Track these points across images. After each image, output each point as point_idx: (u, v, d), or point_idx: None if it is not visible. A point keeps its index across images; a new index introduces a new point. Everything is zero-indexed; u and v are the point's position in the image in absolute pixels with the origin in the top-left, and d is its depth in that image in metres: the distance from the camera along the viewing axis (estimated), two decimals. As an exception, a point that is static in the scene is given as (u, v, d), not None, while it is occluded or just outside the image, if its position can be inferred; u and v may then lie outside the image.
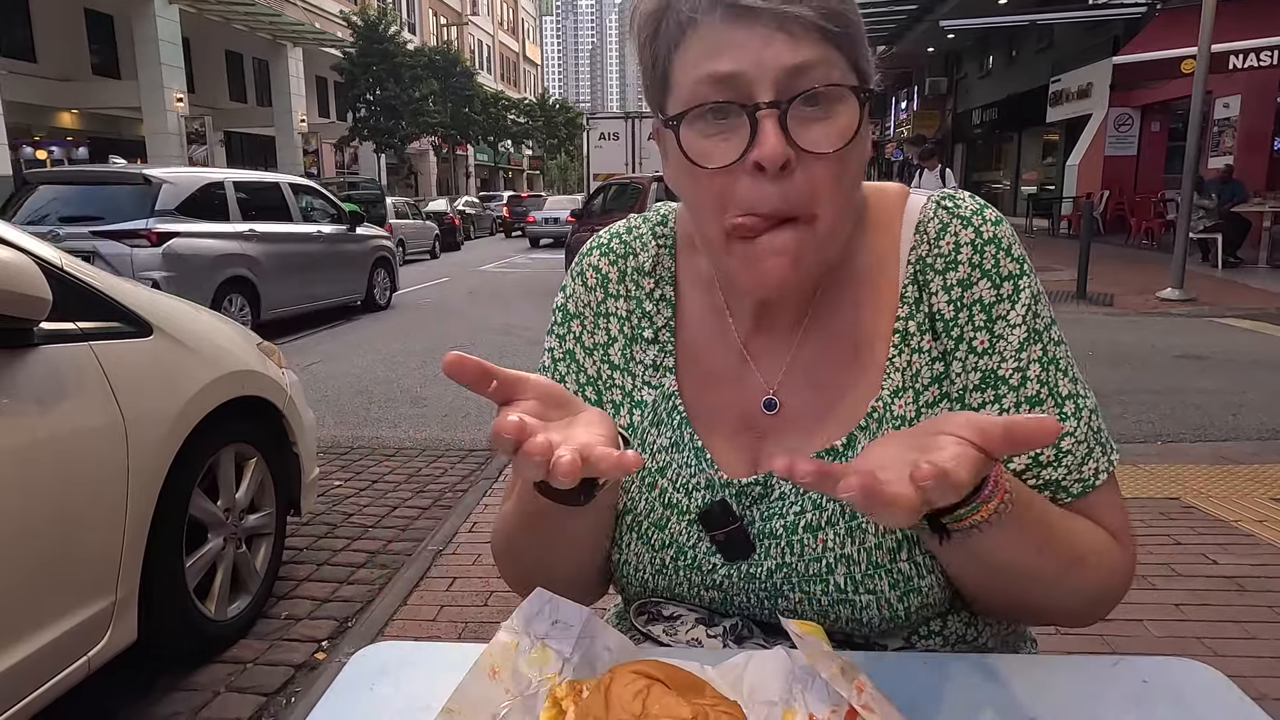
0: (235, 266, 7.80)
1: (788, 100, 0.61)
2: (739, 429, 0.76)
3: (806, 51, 0.61)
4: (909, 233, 0.73)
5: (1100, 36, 17.70)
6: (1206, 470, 3.81)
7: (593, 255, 0.83)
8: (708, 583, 0.75)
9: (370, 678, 0.70)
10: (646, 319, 0.80)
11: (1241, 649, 2.34)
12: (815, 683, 0.60)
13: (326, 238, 9.47)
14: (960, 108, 28.82)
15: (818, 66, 0.62)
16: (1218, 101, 14.14)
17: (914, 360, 0.72)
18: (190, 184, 7.71)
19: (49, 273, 1.83)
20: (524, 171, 60.78)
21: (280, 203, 8.94)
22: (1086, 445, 0.70)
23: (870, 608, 0.70)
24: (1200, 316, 8.39)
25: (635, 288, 0.80)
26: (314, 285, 9.14)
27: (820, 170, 0.63)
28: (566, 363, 0.81)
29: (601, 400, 0.80)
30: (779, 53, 0.61)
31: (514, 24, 61.71)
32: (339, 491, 3.94)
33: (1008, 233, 0.72)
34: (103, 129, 23.12)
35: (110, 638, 1.96)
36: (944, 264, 0.71)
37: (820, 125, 0.62)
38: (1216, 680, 0.66)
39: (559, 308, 0.83)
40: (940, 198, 0.74)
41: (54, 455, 1.80)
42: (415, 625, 2.60)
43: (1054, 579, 0.67)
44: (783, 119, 0.61)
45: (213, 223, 7.68)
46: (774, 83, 0.61)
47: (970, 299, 0.71)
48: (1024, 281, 0.71)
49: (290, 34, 25.75)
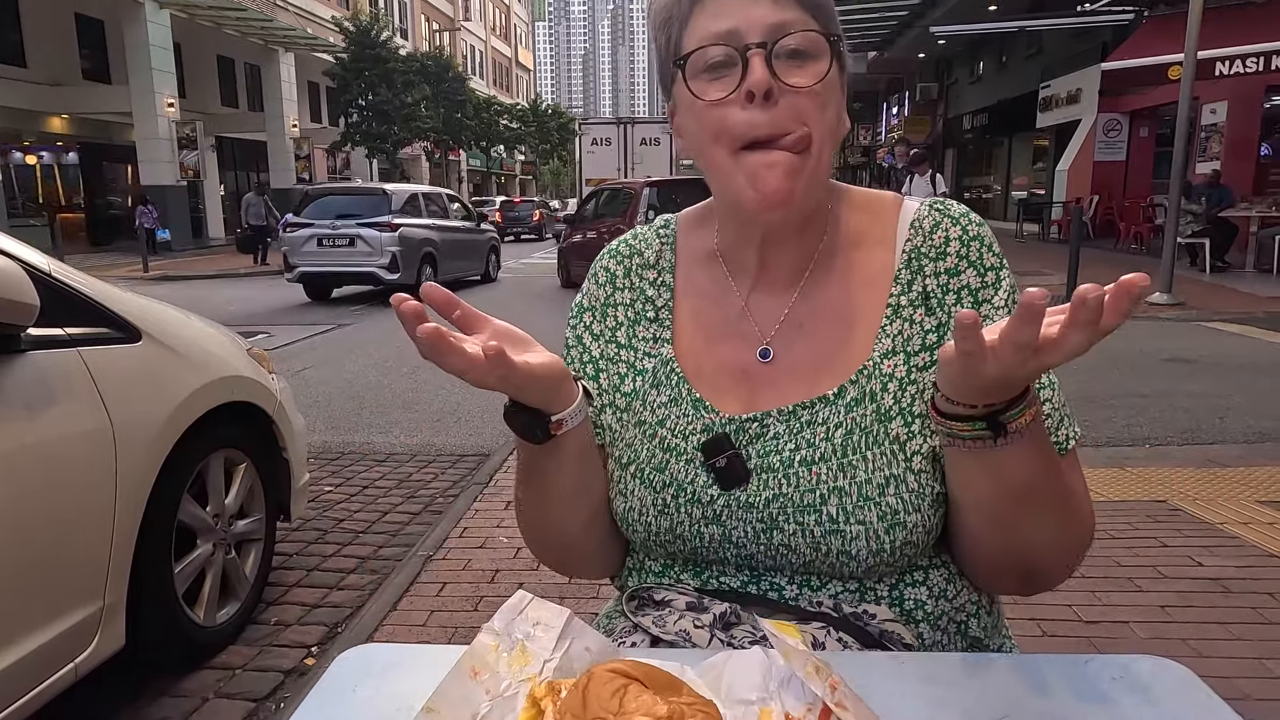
0: (428, 246, 12.55)
1: (773, 41, 0.75)
2: (737, 380, 0.86)
3: (786, 13, 0.75)
4: (904, 228, 0.85)
5: (1089, 43, 17.84)
6: (1193, 473, 3.84)
7: (604, 259, 0.96)
8: (707, 515, 0.82)
9: (353, 679, 0.71)
10: (649, 303, 0.92)
11: (1226, 650, 2.36)
12: (792, 681, 0.61)
13: (466, 229, 14.30)
14: (951, 113, 28.97)
15: (795, 23, 0.75)
16: (1204, 107, 14.26)
17: (904, 329, 0.82)
18: (404, 194, 12.77)
19: (36, 279, 1.83)
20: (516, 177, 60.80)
21: (443, 206, 13.92)
22: (1059, 415, 0.80)
23: (859, 539, 0.77)
24: (1188, 320, 8.45)
25: (639, 279, 0.93)
26: (461, 261, 13.92)
27: (802, 101, 0.75)
28: (577, 347, 0.94)
29: (599, 377, 0.92)
30: (765, 12, 0.75)
31: (506, 29, 61.79)
32: (329, 497, 3.94)
33: (989, 234, 0.84)
34: (93, 134, 23.04)
35: (98, 643, 1.96)
36: (935, 253, 0.82)
37: (799, 69, 0.76)
38: (1186, 677, 0.67)
39: (575, 304, 0.96)
40: (932, 203, 0.86)
41: (42, 461, 1.80)
42: (405, 630, 2.60)
43: (1054, 508, 0.75)
44: (768, 57, 0.75)
45: (417, 218, 12.53)
46: (760, 33, 0.75)
47: (958, 285, 0.81)
48: (1004, 274, 0.82)
49: (282, 39, 25.72)
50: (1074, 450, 0.82)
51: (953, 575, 0.84)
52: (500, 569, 3.01)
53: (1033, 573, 0.81)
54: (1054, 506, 0.75)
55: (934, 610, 0.82)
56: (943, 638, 0.83)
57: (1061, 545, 0.79)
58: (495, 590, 2.85)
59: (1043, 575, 0.81)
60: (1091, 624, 2.53)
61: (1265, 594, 2.67)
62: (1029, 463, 0.71)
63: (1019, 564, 0.79)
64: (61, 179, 23.52)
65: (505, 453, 4.38)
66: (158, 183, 20.95)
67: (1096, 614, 2.58)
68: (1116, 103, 17.34)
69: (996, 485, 0.72)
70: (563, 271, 13.68)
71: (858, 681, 0.59)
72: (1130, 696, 0.65)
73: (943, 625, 0.83)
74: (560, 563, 0.95)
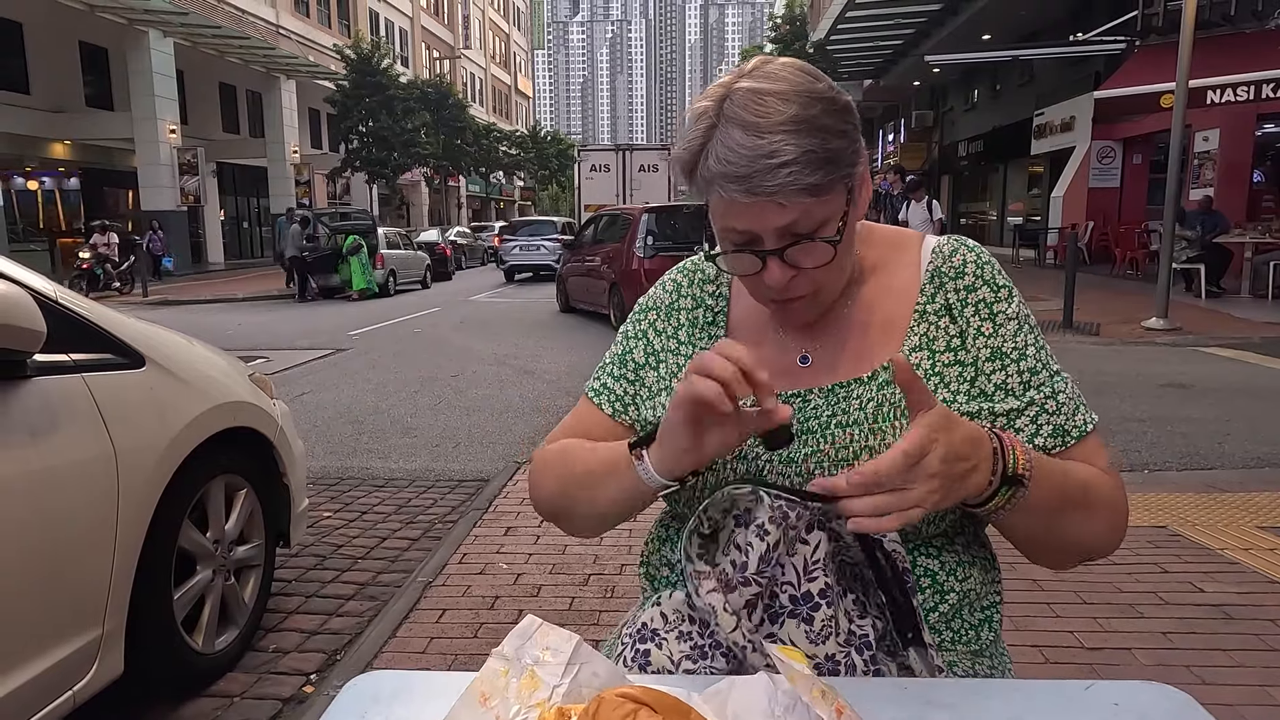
0: None
1: (782, 247, 0.85)
2: (779, 378, 0.91)
3: (792, 213, 0.83)
4: (927, 253, 0.97)
5: (1082, 72, 18.04)
6: (1193, 498, 3.84)
7: (672, 273, 1.09)
8: (751, 471, 0.93)
9: (362, 706, 0.71)
10: (707, 310, 1.05)
11: (1229, 677, 2.35)
12: (797, 706, 0.61)
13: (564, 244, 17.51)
14: (946, 140, 29.22)
15: (801, 218, 0.83)
16: (1197, 135, 14.40)
17: (930, 330, 0.94)
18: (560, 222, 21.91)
19: (43, 305, 1.85)
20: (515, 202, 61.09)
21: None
22: (1074, 402, 0.93)
23: None
24: (1185, 346, 8.48)
25: (700, 291, 1.06)
26: None
27: (817, 274, 0.87)
28: (641, 339, 1.06)
29: (659, 366, 1.03)
30: (773, 218, 0.83)
31: (506, 57, 62.43)
32: (328, 523, 3.93)
33: (998, 265, 0.97)
34: (95, 160, 23.19)
35: (97, 671, 1.95)
36: (955, 272, 0.95)
37: (811, 253, 0.86)
38: (1185, 704, 0.68)
39: (640, 305, 1.09)
40: (950, 236, 1.00)
41: (45, 487, 1.80)
42: (404, 657, 2.59)
43: (1080, 519, 0.87)
44: (780, 256, 0.85)
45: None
46: (773, 234, 0.84)
47: (975, 299, 0.93)
48: (1014, 293, 0.95)
49: (284, 67, 25.98)
50: (1095, 434, 0.93)
51: (963, 561, 0.93)
52: (500, 595, 3.00)
53: (1084, 554, 0.92)
54: (1078, 519, 0.87)
55: (944, 582, 0.91)
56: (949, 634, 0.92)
57: (1096, 538, 0.90)
58: (495, 616, 2.84)
59: (1096, 553, 0.92)
60: (1094, 650, 2.52)
61: (1267, 620, 2.67)
62: (1023, 524, 0.84)
63: (1066, 555, 0.92)
64: (62, 204, 23.61)
65: (504, 478, 4.38)
66: (158, 208, 21.06)
67: (1098, 640, 2.57)
68: (1110, 130, 17.50)
69: (1016, 524, 0.85)
70: (561, 296, 13.71)
71: (862, 706, 0.60)
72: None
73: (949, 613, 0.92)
74: (565, 523, 1.03)
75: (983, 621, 0.94)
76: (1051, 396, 0.91)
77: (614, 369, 1.05)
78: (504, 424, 5.86)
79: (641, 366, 1.03)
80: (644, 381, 1.03)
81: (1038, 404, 0.91)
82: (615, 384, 1.04)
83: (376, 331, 11.43)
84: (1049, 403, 0.91)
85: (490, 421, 5.94)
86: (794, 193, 0.81)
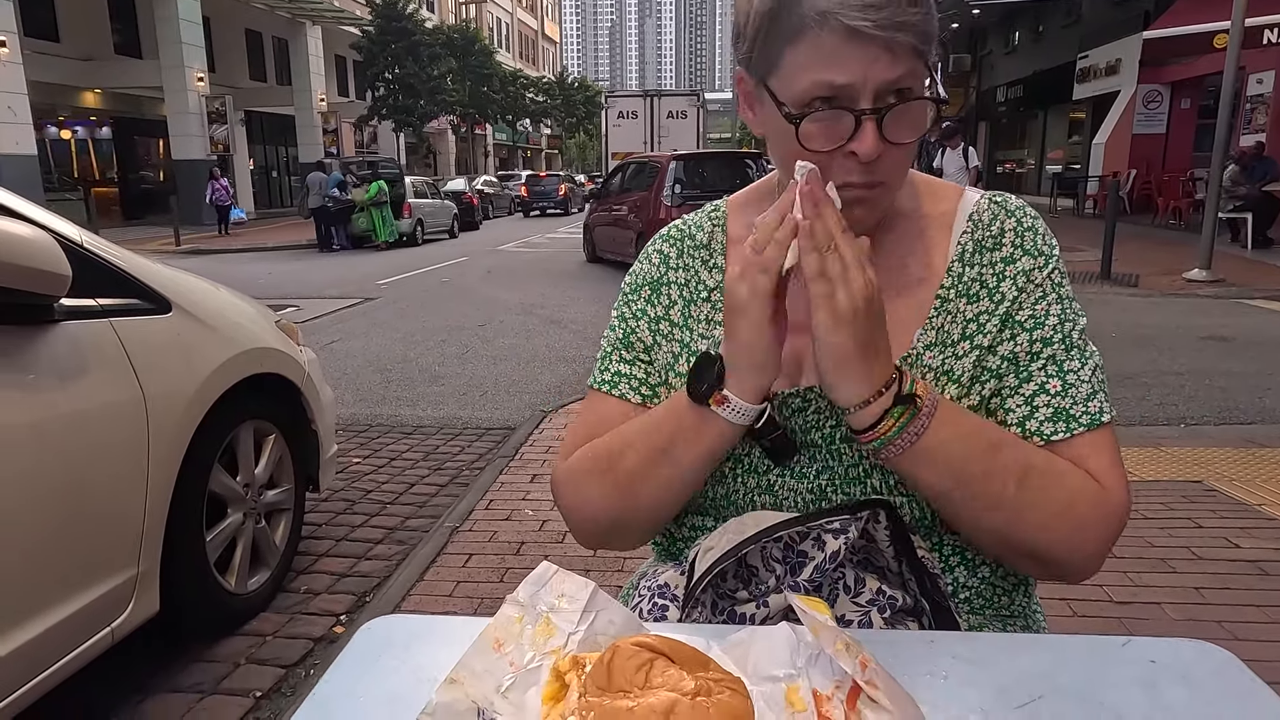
0: None
1: (886, 107, 0.74)
2: (786, 359, 0.83)
3: (902, 68, 0.73)
4: (963, 219, 0.87)
5: (1129, 11, 17.32)
6: (1230, 453, 3.75)
7: (656, 242, 0.99)
8: (761, 485, 0.86)
9: (377, 650, 0.71)
10: (702, 284, 0.94)
11: (1262, 633, 2.32)
12: (820, 658, 0.59)
13: None
14: (984, 85, 28.35)
15: (908, 79, 0.74)
16: (1251, 77, 13.81)
17: (946, 322, 0.84)
18: None
19: (69, 249, 1.85)
20: (542, 150, 60.60)
21: None
22: (1091, 386, 0.81)
23: (902, 508, 0.82)
24: (1227, 298, 8.24)
25: (692, 260, 0.95)
26: None
27: (898, 153, 0.77)
28: (631, 320, 0.96)
29: (652, 353, 0.94)
30: (881, 70, 0.73)
31: (532, 2, 61.27)
32: (357, 469, 3.98)
33: (1044, 226, 0.87)
34: (125, 109, 23.28)
35: (133, 609, 2.00)
36: (992, 244, 0.85)
37: (905, 126, 0.76)
38: (1228, 662, 0.65)
39: (627, 282, 0.98)
40: (992, 196, 0.89)
41: (76, 430, 1.83)
42: (431, 600, 2.63)
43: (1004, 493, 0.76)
44: (879, 121, 0.74)
45: None
46: (874, 92, 0.74)
47: (1014, 271, 0.84)
48: (1054, 259, 0.85)
49: (309, 12, 25.72)
50: (1109, 429, 0.81)
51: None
52: (526, 541, 3.03)
53: (1037, 558, 0.78)
54: (1000, 490, 0.75)
55: (973, 558, 0.85)
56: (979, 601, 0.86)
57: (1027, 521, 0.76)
58: (521, 562, 2.87)
59: (1052, 562, 0.78)
60: (1123, 604, 2.49)
61: (1303, 577, 2.62)
62: (927, 477, 0.75)
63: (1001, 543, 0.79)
64: (95, 153, 23.83)
65: (530, 426, 4.40)
66: (188, 157, 21.12)
67: (1128, 594, 2.54)
68: (1158, 73, 16.85)
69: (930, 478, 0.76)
70: (588, 246, 13.62)
71: (887, 660, 0.58)
72: (1169, 679, 0.63)
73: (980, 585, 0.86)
74: (622, 534, 0.91)
75: (1015, 586, 0.88)
76: (1059, 375, 0.80)
77: (621, 354, 0.94)
78: (530, 373, 5.87)
79: (651, 347, 0.93)
80: (656, 364, 0.93)
81: (1038, 381, 0.81)
82: (630, 369, 0.94)
83: (404, 281, 11.47)
84: (1052, 381, 0.80)
85: (517, 370, 5.96)
86: (918, 35, 0.73)
